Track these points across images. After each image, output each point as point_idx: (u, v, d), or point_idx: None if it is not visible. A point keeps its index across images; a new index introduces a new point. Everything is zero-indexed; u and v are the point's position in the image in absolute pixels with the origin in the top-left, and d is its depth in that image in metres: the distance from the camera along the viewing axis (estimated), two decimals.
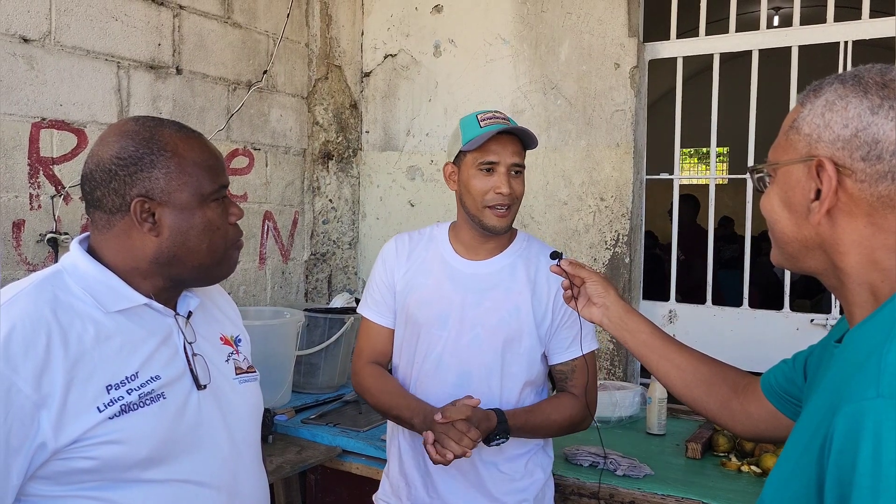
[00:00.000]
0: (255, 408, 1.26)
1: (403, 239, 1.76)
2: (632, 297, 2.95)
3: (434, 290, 1.66)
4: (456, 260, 1.68)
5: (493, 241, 1.67)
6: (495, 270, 1.66)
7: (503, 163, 1.58)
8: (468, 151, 1.60)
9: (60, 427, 0.96)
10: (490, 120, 1.59)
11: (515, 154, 1.60)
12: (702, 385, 1.22)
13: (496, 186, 1.57)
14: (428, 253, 1.71)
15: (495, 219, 1.60)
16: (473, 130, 1.58)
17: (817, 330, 2.68)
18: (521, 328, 1.63)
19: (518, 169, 1.61)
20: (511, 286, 1.64)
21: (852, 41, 2.62)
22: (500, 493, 1.63)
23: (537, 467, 1.69)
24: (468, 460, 1.58)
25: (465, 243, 1.69)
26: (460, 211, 1.68)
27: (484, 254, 1.68)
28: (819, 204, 0.83)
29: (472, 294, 1.64)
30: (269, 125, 3.17)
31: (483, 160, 1.58)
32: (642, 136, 2.98)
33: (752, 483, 1.94)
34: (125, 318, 1.08)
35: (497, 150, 1.58)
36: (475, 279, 1.65)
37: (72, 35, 2.37)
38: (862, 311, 0.83)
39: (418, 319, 1.64)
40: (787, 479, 0.78)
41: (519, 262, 1.67)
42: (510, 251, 1.69)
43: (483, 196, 1.58)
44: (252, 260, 3.10)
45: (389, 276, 1.72)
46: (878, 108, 0.79)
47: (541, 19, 3.05)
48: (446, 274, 1.67)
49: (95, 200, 1.09)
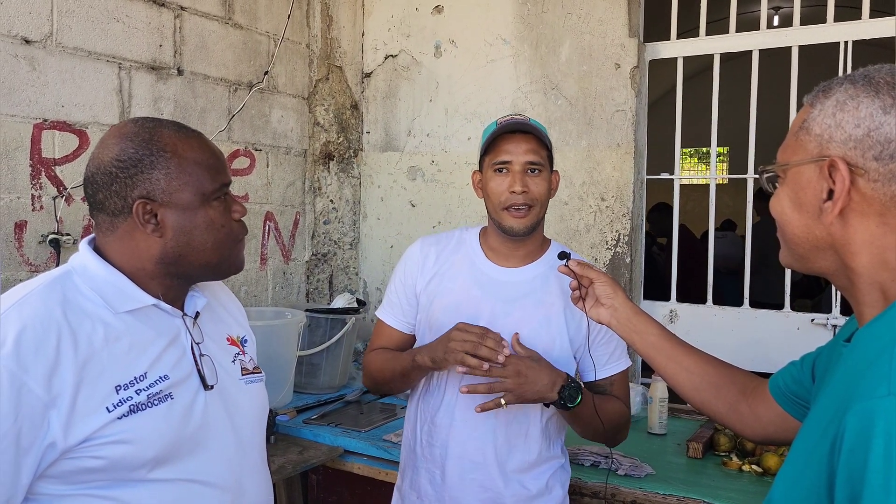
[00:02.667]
0: (261, 408, 1.27)
1: (429, 242, 1.70)
2: (633, 296, 2.96)
3: (462, 295, 1.61)
4: (487, 265, 1.63)
5: (523, 248, 1.62)
6: (527, 279, 1.61)
7: (516, 161, 1.54)
8: (485, 155, 1.59)
9: (70, 427, 0.97)
10: (507, 121, 1.57)
11: (530, 152, 1.55)
12: (710, 388, 1.22)
13: (510, 185, 1.54)
14: (457, 256, 1.66)
15: (512, 220, 1.55)
16: (489, 133, 1.58)
17: (818, 329, 2.68)
18: (552, 340, 1.57)
19: (535, 167, 1.56)
20: (543, 297, 1.59)
21: (852, 41, 2.63)
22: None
23: (557, 483, 1.63)
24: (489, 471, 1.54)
25: (495, 249, 1.64)
26: (488, 217, 1.64)
27: (515, 261, 1.63)
28: (832, 204, 0.83)
29: (501, 303, 1.58)
30: (270, 126, 3.17)
31: (496, 160, 1.56)
32: (643, 137, 2.98)
33: (753, 482, 1.94)
34: (134, 318, 1.08)
35: (509, 149, 1.55)
36: (506, 287, 1.60)
37: (73, 36, 2.37)
38: (872, 310, 0.83)
39: (444, 325, 1.55)
40: (797, 478, 0.79)
41: (552, 273, 1.59)
42: (543, 260, 1.64)
43: (499, 197, 1.55)
44: (253, 260, 3.10)
45: (411, 280, 1.67)
46: (891, 107, 0.80)
47: (541, 19, 3.06)
48: (475, 279, 1.62)
49: (98, 203, 1.10)
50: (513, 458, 1.57)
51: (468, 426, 1.57)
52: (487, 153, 1.58)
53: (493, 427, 1.56)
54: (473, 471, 1.57)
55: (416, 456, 1.65)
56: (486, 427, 1.56)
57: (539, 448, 1.60)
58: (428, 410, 1.63)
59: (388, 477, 2.15)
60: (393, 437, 2.22)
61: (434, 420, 1.61)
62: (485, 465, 1.56)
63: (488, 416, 1.55)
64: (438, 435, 1.60)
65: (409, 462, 1.68)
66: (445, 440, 1.59)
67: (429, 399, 1.64)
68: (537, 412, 1.59)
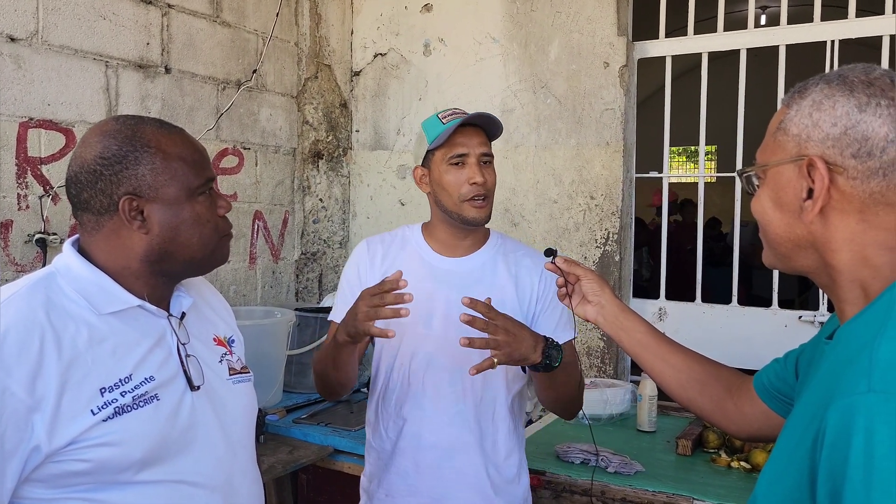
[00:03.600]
0: (250, 408, 1.26)
1: (375, 241, 1.72)
2: (622, 294, 2.97)
3: (415, 288, 1.58)
4: (435, 258, 1.67)
5: (470, 237, 1.67)
6: (477, 266, 1.66)
7: (472, 153, 1.58)
8: (436, 149, 1.60)
9: (54, 430, 0.96)
10: (451, 116, 1.60)
11: (482, 144, 1.60)
12: (696, 385, 1.23)
13: (470, 177, 1.57)
14: (404, 252, 1.68)
15: (475, 211, 1.59)
16: (437, 128, 1.59)
17: (805, 327, 2.70)
18: None
19: (487, 158, 1.61)
20: (494, 281, 1.64)
21: (839, 40, 2.65)
22: (495, 493, 1.61)
23: (524, 471, 1.68)
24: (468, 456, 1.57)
25: (442, 242, 1.67)
26: (435, 211, 1.66)
27: (462, 251, 1.67)
28: (812, 203, 0.83)
29: (455, 291, 1.61)
30: (258, 124, 3.16)
31: (452, 154, 1.58)
32: (632, 135, 2.99)
33: (741, 479, 1.96)
34: (118, 320, 1.07)
35: (464, 141, 1.58)
36: (457, 276, 1.64)
37: (59, 34, 2.36)
38: (853, 307, 0.84)
39: (401, 320, 1.55)
40: (780, 475, 0.79)
41: (499, 258, 1.67)
42: (488, 247, 1.69)
43: (459, 190, 1.58)
44: (242, 260, 3.09)
45: (363, 280, 1.66)
46: (866, 105, 0.80)
47: (530, 18, 3.06)
48: (426, 272, 1.65)
49: (82, 203, 1.09)
50: (486, 441, 1.61)
51: (439, 413, 1.59)
52: (440, 147, 1.59)
53: (462, 411, 1.59)
54: (450, 457, 1.59)
55: (383, 454, 1.65)
56: (456, 411, 1.59)
57: (507, 428, 1.63)
58: (390, 406, 1.64)
59: None
60: None
61: (401, 413, 1.62)
62: (462, 450, 1.59)
63: (453, 401, 1.58)
64: (408, 427, 1.61)
65: (376, 464, 1.68)
66: (417, 431, 1.60)
67: (390, 396, 1.65)
68: (503, 392, 1.62)
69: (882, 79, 0.82)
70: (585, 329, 2.97)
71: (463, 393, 1.59)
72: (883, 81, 0.82)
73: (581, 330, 2.98)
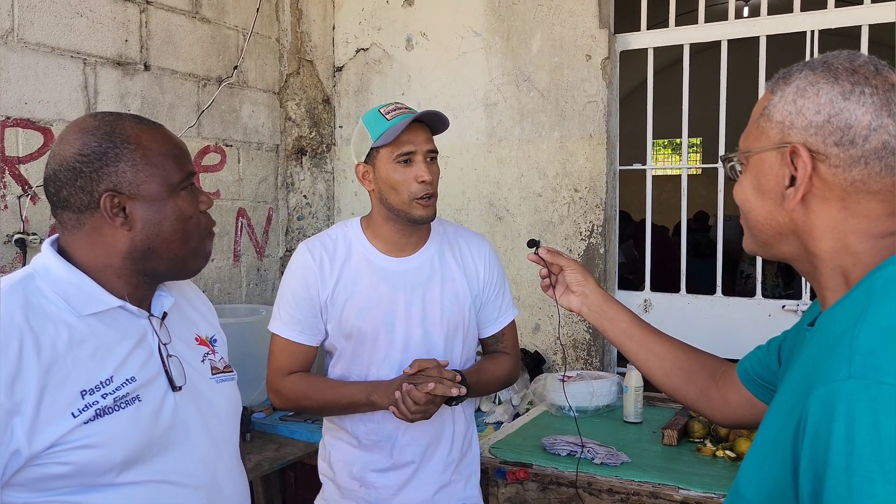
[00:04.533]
0: (234, 407, 1.26)
1: (316, 248, 1.64)
2: (607, 286, 2.98)
3: (371, 295, 1.61)
4: (383, 260, 1.63)
5: (416, 233, 1.65)
6: (426, 262, 1.65)
7: (419, 151, 1.56)
8: (381, 147, 1.57)
9: (34, 434, 0.95)
10: (395, 112, 1.57)
11: (428, 140, 1.59)
12: (681, 373, 1.23)
13: (418, 175, 1.55)
14: (351, 258, 1.63)
15: (422, 209, 1.57)
16: (381, 125, 1.55)
17: (789, 315, 2.72)
18: (462, 313, 1.67)
19: (433, 155, 1.60)
20: (445, 274, 1.66)
21: (818, 30, 2.66)
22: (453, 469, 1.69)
23: (474, 439, 1.77)
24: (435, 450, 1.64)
25: (388, 241, 1.64)
26: (380, 209, 1.62)
27: (409, 249, 1.65)
28: (794, 190, 0.83)
29: (410, 291, 1.62)
30: (240, 121, 3.13)
31: (399, 152, 1.55)
32: (615, 127, 3.00)
33: (726, 467, 1.97)
34: (98, 321, 1.06)
35: (411, 139, 1.55)
36: (409, 275, 1.63)
37: (35, 32, 2.32)
38: (834, 294, 0.84)
39: (362, 328, 1.59)
40: (763, 462, 0.79)
41: (445, 249, 1.68)
42: (432, 240, 1.69)
43: (409, 188, 1.55)
44: (226, 257, 3.07)
45: (314, 291, 1.61)
46: (850, 93, 0.80)
47: (512, 11, 3.05)
48: (379, 276, 1.62)
49: (62, 201, 1.07)
50: (449, 429, 1.67)
51: None
52: (386, 145, 1.56)
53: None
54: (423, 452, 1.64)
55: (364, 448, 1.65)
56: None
57: (464, 413, 1.73)
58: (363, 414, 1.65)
59: None
60: None
61: (373, 417, 1.63)
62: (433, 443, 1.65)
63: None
64: (384, 428, 1.63)
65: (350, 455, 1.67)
66: (393, 432, 1.63)
67: None
68: None
69: (866, 66, 0.82)
70: (571, 321, 2.97)
71: None
72: (867, 69, 0.82)
73: (567, 322, 2.99)
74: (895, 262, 0.78)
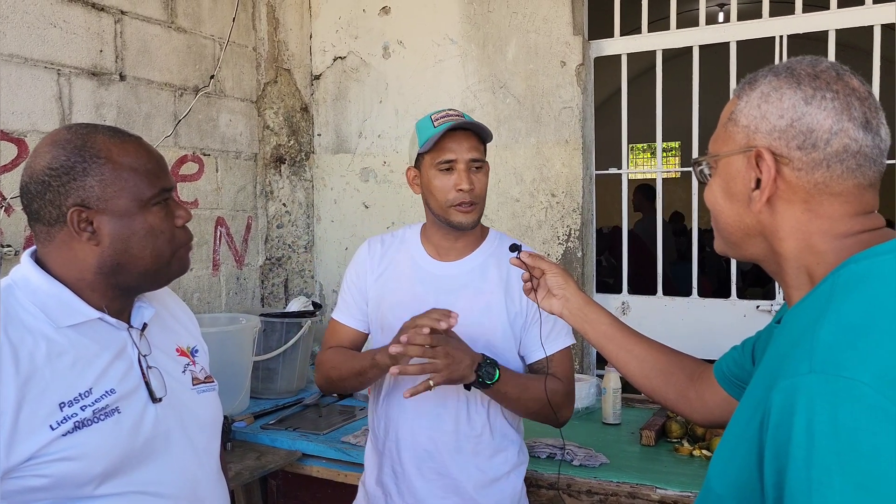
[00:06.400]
0: (215, 417, 1.26)
1: (376, 241, 1.75)
2: (586, 290, 3.00)
3: (407, 293, 1.65)
4: (426, 262, 1.68)
5: (462, 240, 1.67)
6: (465, 271, 1.66)
7: (461, 159, 1.57)
8: (426, 153, 1.60)
9: (12, 446, 0.95)
10: (443, 118, 1.59)
11: (472, 149, 1.59)
12: (660, 375, 1.25)
13: (457, 183, 1.56)
14: (399, 255, 1.70)
15: (461, 216, 1.59)
16: (428, 131, 1.58)
17: (763, 316, 2.77)
18: (493, 327, 1.62)
19: (477, 164, 1.60)
20: (482, 286, 1.64)
21: (787, 35, 2.72)
22: (478, 494, 1.60)
23: (514, 469, 1.66)
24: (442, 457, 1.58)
25: (435, 244, 1.68)
26: (428, 213, 1.67)
27: (454, 254, 1.67)
28: (759, 193, 0.86)
29: (443, 295, 1.62)
30: (218, 130, 3.13)
31: (441, 159, 1.57)
32: (590, 132, 3.03)
33: (703, 466, 2.00)
34: (77, 333, 1.06)
35: (453, 147, 1.57)
36: (445, 280, 1.65)
37: (8, 43, 2.31)
38: (799, 293, 0.87)
39: (393, 324, 1.59)
40: (731, 456, 0.81)
41: (490, 262, 1.67)
42: (481, 251, 1.69)
43: (446, 195, 1.58)
44: (206, 267, 3.06)
45: (361, 281, 1.71)
46: (812, 98, 0.83)
47: (487, 19, 3.08)
48: (417, 276, 1.66)
49: (34, 213, 1.08)
50: (467, 442, 1.60)
51: (418, 415, 1.61)
52: (429, 151, 1.59)
53: (441, 414, 1.60)
54: (428, 459, 1.61)
55: (379, 453, 1.68)
56: (436, 414, 1.60)
57: (490, 429, 1.62)
58: (384, 406, 1.67)
59: (347, 479, 2.15)
60: (351, 439, 2.22)
61: (388, 414, 1.65)
62: (437, 452, 1.60)
63: (434, 404, 1.59)
64: (393, 428, 1.64)
65: (373, 459, 1.71)
66: (398, 433, 1.63)
67: (390, 395, 1.67)
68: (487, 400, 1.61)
69: (828, 72, 0.85)
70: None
71: (444, 395, 1.59)
72: (828, 74, 0.84)
73: None
74: (856, 260, 0.80)
